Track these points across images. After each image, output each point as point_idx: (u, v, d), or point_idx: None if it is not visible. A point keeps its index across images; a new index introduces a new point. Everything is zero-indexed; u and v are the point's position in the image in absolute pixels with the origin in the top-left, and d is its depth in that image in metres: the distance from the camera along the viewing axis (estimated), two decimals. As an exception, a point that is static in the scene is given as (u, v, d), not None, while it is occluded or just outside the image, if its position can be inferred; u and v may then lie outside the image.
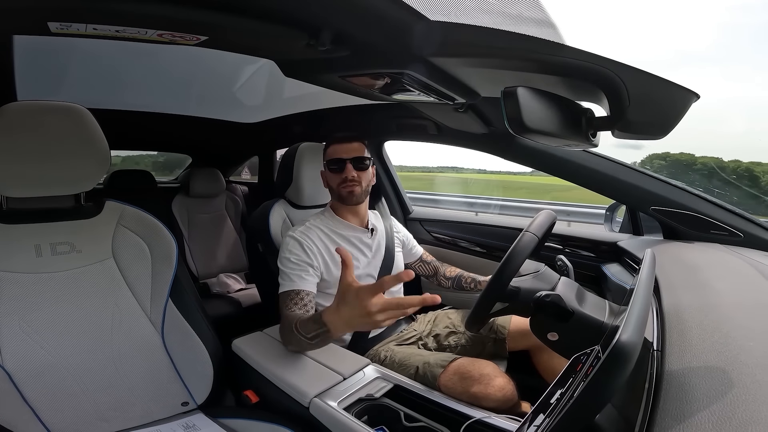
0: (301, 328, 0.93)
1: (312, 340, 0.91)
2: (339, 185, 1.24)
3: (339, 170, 1.23)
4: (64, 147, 0.86)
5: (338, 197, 1.27)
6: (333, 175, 1.25)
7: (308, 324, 0.91)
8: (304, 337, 0.92)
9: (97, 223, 0.98)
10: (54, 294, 0.91)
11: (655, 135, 0.70)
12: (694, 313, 0.67)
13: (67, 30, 0.67)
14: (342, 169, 1.23)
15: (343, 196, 1.25)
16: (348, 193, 1.23)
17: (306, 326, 0.92)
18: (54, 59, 1.31)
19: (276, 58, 0.94)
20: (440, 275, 1.46)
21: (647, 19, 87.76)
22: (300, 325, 0.94)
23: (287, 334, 0.99)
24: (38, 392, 0.87)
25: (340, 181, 1.24)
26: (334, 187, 1.26)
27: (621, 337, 0.43)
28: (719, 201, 1.25)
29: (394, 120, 1.69)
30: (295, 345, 0.99)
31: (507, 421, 0.83)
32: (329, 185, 1.29)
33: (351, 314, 0.78)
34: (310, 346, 0.97)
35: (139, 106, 1.91)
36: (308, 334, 0.91)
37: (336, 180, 1.25)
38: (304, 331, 0.92)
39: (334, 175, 1.25)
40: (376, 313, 0.75)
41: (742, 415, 0.39)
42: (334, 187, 1.26)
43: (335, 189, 1.26)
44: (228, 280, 2.27)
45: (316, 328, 0.88)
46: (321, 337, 0.88)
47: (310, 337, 0.91)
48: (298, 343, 0.96)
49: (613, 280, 1.27)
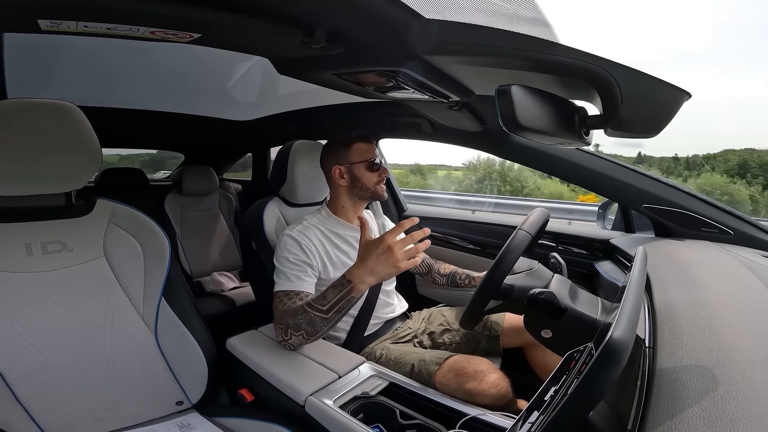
0: (316, 303, 0.97)
1: (330, 310, 0.94)
2: (376, 184, 1.25)
3: (377, 169, 1.24)
4: (54, 145, 0.85)
5: (372, 195, 1.26)
6: (370, 173, 1.24)
7: (326, 293, 0.96)
8: (319, 312, 0.95)
9: (89, 222, 0.97)
10: (45, 293, 0.90)
11: (648, 133, 0.70)
12: (685, 310, 0.68)
13: (58, 27, 0.66)
14: (378, 168, 1.24)
15: (380, 194, 1.26)
16: (383, 190, 1.27)
17: (324, 297, 0.96)
18: (44, 57, 1.29)
19: (270, 55, 0.94)
20: (435, 272, 1.46)
21: (642, 17, 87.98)
22: (314, 301, 0.98)
23: (293, 321, 0.99)
24: (31, 392, 0.87)
25: (378, 180, 1.25)
26: (371, 186, 1.24)
27: (613, 334, 0.43)
28: (710, 199, 1.26)
29: (389, 118, 1.69)
30: (302, 329, 0.97)
31: (502, 419, 0.83)
32: (362, 182, 1.24)
33: (375, 260, 0.90)
34: (322, 323, 0.96)
35: (131, 104, 1.89)
36: (326, 303, 0.95)
37: (373, 178, 1.24)
38: (320, 304, 0.96)
39: (371, 173, 1.24)
40: (398, 250, 0.88)
41: (733, 411, 0.39)
42: (371, 186, 1.24)
43: (371, 187, 1.24)
44: (221, 279, 2.26)
45: (338, 289, 0.94)
46: (344, 300, 0.93)
47: (329, 306, 0.94)
48: (309, 325, 0.96)
49: (605, 277, 1.28)
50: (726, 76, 53.21)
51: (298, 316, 0.98)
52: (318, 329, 0.97)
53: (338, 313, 0.95)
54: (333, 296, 0.94)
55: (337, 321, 0.97)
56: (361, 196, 1.27)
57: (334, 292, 0.94)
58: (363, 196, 1.27)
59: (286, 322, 1.00)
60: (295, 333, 0.99)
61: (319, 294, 0.98)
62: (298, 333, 0.98)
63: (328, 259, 1.19)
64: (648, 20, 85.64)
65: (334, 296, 0.94)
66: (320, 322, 0.96)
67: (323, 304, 0.95)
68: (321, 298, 0.96)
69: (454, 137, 1.58)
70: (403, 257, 0.89)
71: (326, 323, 0.96)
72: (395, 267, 0.90)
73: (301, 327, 0.97)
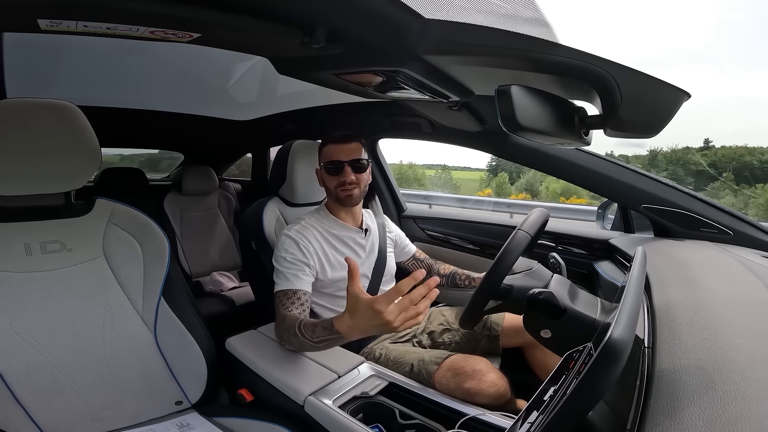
0: (306, 331, 0.91)
1: (318, 343, 0.89)
2: (337, 188, 1.21)
3: (336, 172, 1.20)
4: (53, 145, 0.85)
5: (335, 199, 1.24)
6: (330, 176, 1.22)
7: (316, 329, 0.89)
8: (308, 340, 0.91)
9: (88, 221, 0.97)
10: (44, 293, 0.90)
11: (647, 133, 0.70)
12: (685, 310, 0.68)
13: (58, 27, 0.66)
14: (340, 172, 1.20)
15: (341, 199, 1.22)
16: (346, 196, 1.21)
17: (313, 331, 0.89)
18: (44, 56, 1.29)
19: (270, 55, 0.94)
20: (434, 273, 1.46)
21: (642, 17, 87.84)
22: (304, 327, 0.92)
23: (286, 334, 0.98)
24: (30, 391, 0.87)
25: (338, 183, 1.21)
26: (332, 189, 1.23)
27: (613, 334, 0.43)
28: (709, 199, 1.27)
29: (389, 118, 1.69)
30: (295, 345, 0.98)
31: (501, 418, 0.83)
32: (326, 186, 1.26)
33: (367, 324, 0.77)
34: (313, 348, 0.97)
35: (131, 104, 1.89)
36: (315, 338, 0.89)
37: (333, 182, 1.22)
38: (309, 334, 0.90)
39: (332, 176, 1.22)
40: (395, 320, 0.74)
41: (732, 412, 0.39)
42: (332, 189, 1.23)
43: (332, 191, 1.23)
44: (221, 279, 2.26)
45: (326, 334, 0.86)
46: (332, 342, 0.87)
47: (317, 341, 0.89)
48: (300, 344, 0.95)
49: (604, 277, 1.28)
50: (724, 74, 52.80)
51: (290, 334, 0.96)
52: (309, 350, 1.01)
53: (327, 346, 0.91)
54: (322, 335, 0.88)
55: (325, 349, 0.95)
56: (331, 198, 1.26)
57: (323, 333, 0.87)
58: (331, 199, 1.26)
59: (281, 334, 1.03)
60: (290, 346, 1.02)
61: (309, 323, 0.92)
62: (291, 347, 1.02)
63: (326, 259, 1.20)
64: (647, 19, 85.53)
65: (323, 336, 0.88)
66: (310, 347, 0.96)
67: (312, 337, 0.90)
68: (311, 329, 0.90)
69: (454, 137, 1.58)
70: (401, 321, 0.75)
71: (316, 349, 0.99)
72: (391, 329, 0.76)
73: (293, 344, 0.98)
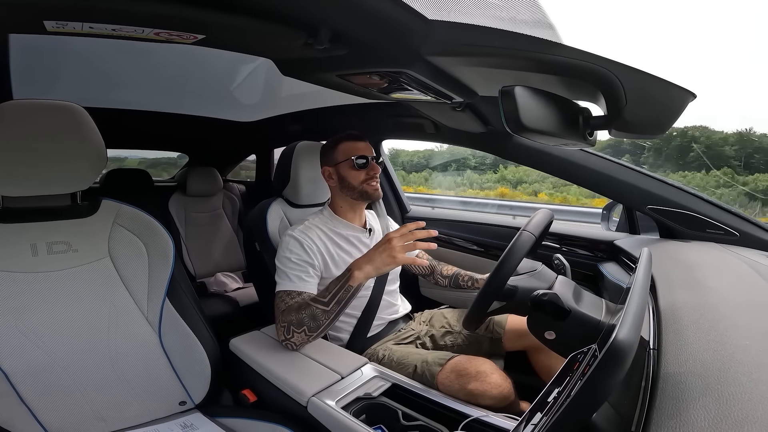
0: (319, 295, 1.02)
1: (330, 301, 0.99)
2: (364, 182, 1.21)
3: (365, 166, 1.21)
4: (59, 146, 0.86)
5: (360, 195, 1.23)
6: (357, 171, 1.21)
7: (329, 284, 1.02)
8: (321, 303, 0.99)
9: (94, 222, 0.97)
10: (50, 293, 0.91)
11: (652, 134, 0.70)
12: (691, 311, 0.67)
13: (63, 28, 0.67)
14: (367, 165, 1.21)
15: (369, 193, 1.22)
16: (374, 190, 1.22)
17: (326, 288, 1.01)
18: (50, 58, 1.30)
19: (273, 56, 0.94)
20: (437, 274, 1.46)
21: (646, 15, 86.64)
22: (318, 294, 1.03)
23: (292, 317, 1.01)
24: (35, 391, 0.87)
25: (366, 177, 1.21)
26: (357, 185, 1.21)
27: (618, 335, 0.43)
28: (715, 200, 1.26)
29: (392, 119, 1.69)
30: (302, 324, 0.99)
31: (505, 420, 0.83)
32: (349, 183, 1.23)
33: (374, 250, 0.98)
34: (323, 316, 0.99)
35: (136, 105, 1.90)
36: (328, 293, 1.00)
37: (360, 177, 1.21)
38: (322, 295, 1.01)
39: (359, 171, 1.21)
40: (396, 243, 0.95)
41: (738, 413, 0.39)
42: (357, 185, 1.21)
43: (358, 186, 1.21)
44: (225, 279, 2.27)
45: (338, 279, 1.00)
46: (342, 288, 0.99)
47: (331, 296, 0.99)
48: (311, 317, 0.99)
49: (609, 278, 1.27)
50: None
51: (302, 310, 1.00)
52: (320, 323, 0.99)
53: (338, 305, 0.99)
54: (334, 287, 1.00)
55: (337, 315, 1.00)
56: (351, 196, 1.24)
57: (335, 282, 1.01)
58: (352, 196, 1.24)
59: (289, 319, 1.01)
60: (297, 330, 1.00)
61: (320, 292, 1.03)
62: (300, 329, 1.00)
63: (330, 258, 1.19)
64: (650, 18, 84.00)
65: (334, 286, 1.00)
66: (322, 315, 0.99)
67: (325, 296, 1.00)
68: (324, 291, 1.02)
69: (458, 138, 1.58)
70: (401, 250, 0.95)
71: (327, 316, 0.99)
72: (392, 257, 0.96)
73: (303, 322, 0.99)
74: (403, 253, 0.96)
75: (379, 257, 0.97)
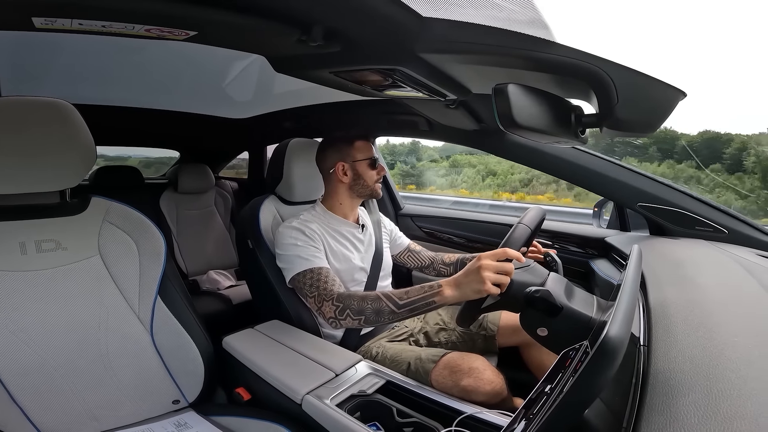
0: (395, 294, 0.97)
1: (404, 306, 0.94)
2: (376, 182, 1.27)
3: (376, 167, 1.27)
4: (48, 143, 0.84)
5: (369, 193, 1.28)
6: (371, 171, 1.26)
7: (411, 289, 0.96)
8: (393, 304, 0.96)
9: (83, 220, 0.96)
10: (40, 292, 0.89)
11: (643, 132, 0.71)
12: (680, 308, 0.68)
13: (52, 25, 0.66)
14: (376, 166, 1.27)
15: (377, 192, 1.29)
16: (379, 188, 1.29)
17: (406, 291, 0.96)
18: (39, 54, 1.28)
19: (267, 53, 0.93)
20: (438, 263, 1.45)
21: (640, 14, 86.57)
22: (393, 292, 0.97)
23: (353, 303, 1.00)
24: (26, 391, 0.86)
25: (378, 178, 1.27)
26: (371, 184, 1.27)
27: (609, 332, 0.44)
28: (705, 198, 1.27)
29: (385, 116, 1.69)
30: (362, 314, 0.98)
31: (498, 416, 0.84)
32: (364, 181, 1.26)
33: (464, 274, 0.88)
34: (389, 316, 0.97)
35: (126, 102, 1.88)
36: (408, 297, 0.94)
37: (374, 176, 1.27)
38: (398, 296, 0.96)
39: (372, 171, 1.26)
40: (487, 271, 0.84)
41: (727, 409, 0.39)
42: (371, 184, 1.27)
43: (371, 185, 1.27)
44: (218, 277, 2.25)
45: (425, 290, 0.93)
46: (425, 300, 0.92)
47: (408, 302, 0.94)
48: (376, 312, 0.97)
49: (601, 275, 1.28)
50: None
51: (367, 301, 0.99)
52: (380, 320, 0.98)
53: (410, 312, 0.95)
54: (416, 294, 0.94)
55: (401, 320, 1.00)
56: (360, 194, 1.28)
57: (419, 290, 0.94)
58: (362, 194, 1.29)
59: (349, 303, 1.01)
60: (354, 316, 1.00)
61: (396, 291, 0.98)
62: (357, 317, 0.99)
63: (330, 250, 1.20)
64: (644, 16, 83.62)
65: (417, 294, 0.94)
66: (388, 314, 0.97)
67: (401, 298, 0.96)
68: (402, 293, 0.96)
69: (451, 135, 1.58)
70: (491, 280, 0.84)
71: (392, 317, 0.97)
72: (479, 286, 0.85)
73: (364, 312, 0.98)
74: (491, 283, 0.85)
75: (465, 281, 0.88)
